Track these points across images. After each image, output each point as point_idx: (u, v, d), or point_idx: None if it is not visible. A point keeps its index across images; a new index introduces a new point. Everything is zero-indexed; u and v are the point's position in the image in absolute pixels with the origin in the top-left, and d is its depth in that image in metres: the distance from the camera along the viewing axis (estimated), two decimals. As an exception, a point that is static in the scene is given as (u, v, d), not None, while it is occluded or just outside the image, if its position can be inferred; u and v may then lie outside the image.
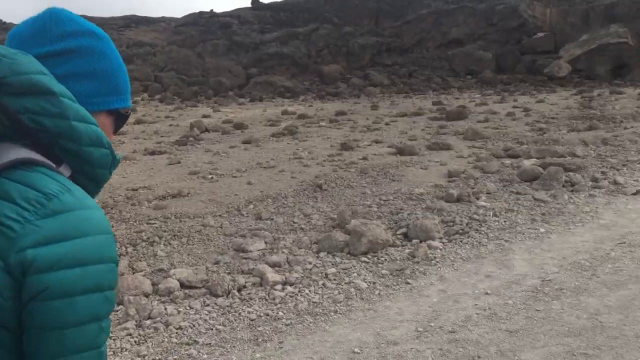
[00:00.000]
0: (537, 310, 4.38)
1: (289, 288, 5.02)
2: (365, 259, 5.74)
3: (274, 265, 5.57)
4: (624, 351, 3.68)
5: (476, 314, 4.38)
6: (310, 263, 5.65)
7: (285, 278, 5.22)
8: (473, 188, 8.45)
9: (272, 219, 7.30)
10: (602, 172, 9.13)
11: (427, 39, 40.13)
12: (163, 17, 49.07)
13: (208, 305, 4.70)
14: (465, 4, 41.05)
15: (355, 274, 5.33)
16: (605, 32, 34.98)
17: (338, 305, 4.66)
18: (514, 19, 39.31)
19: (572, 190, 8.16)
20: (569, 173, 8.93)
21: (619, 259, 5.41)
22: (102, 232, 0.99)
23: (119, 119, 1.24)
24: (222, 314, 4.54)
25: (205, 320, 4.43)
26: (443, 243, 6.19)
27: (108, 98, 1.18)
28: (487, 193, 8.19)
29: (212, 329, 4.29)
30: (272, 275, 5.23)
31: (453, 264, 5.57)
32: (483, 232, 6.48)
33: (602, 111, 17.26)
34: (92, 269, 0.96)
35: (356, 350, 3.90)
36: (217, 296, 4.87)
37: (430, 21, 40.26)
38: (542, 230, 6.51)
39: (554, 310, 4.36)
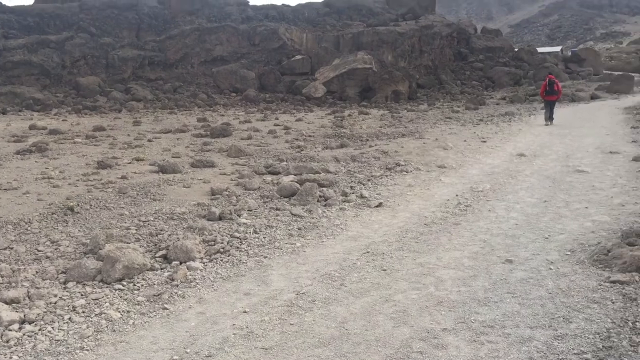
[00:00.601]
0: (291, 324, 4.54)
1: (28, 327, 4.46)
2: (120, 286, 5.39)
3: (10, 301, 4.92)
4: (366, 356, 3.98)
5: (233, 334, 4.38)
6: (55, 296, 5.11)
7: (24, 315, 4.64)
8: (235, 205, 8.54)
9: (11, 248, 6.47)
10: (351, 187, 9.93)
11: (191, 55, 39.97)
12: None
13: None
14: (228, 24, 41.91)
15: (107, 304, 4.96)
16: (353, 58, 38.65)
17: (85, 340, 4.27)
18: (275, 41, 41.26)
19: (325, 205, 8.72)
20: (323, 188, 9.56)
21: (364, 268, 5.91)
22: None
23: None
24: (-61, 368, 3.84)
25: None
26: (204, 263, 6.12)
27: None
28: (248, 210, 8.34)
29: None
30: (7, 313, 4.60)
31: (213, 285, 5.52)
32: (243, 250, 6.56)
33: (352, 130, 18.92)
34: None
35: (105, 389, 3.60)
36: None
37: (194, 37, 40.19)
38: (298, 244, 6.83)
39: (306, 323, 4.56)
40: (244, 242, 6.80)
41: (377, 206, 8.65)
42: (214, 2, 45.70)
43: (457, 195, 9.25)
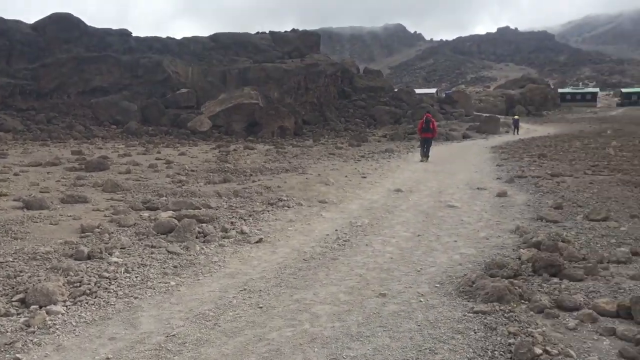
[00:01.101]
0: (158, 369, 4.31)
1: None
2: (-33, 336, 4.86)
3: None
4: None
5: (93, 383, 4.07)
6: None
7: None
8: (107, 243, 8.09)
9: None
10: (232, 223, 9.77)
11: (68, 85, 38.03)
12: None
13: None
14: (109, 54, 40.49)
15: (-52, 357, 4.44)
16: (240, 92, 38.74)
17: None
18: (159, 73, 40.40)
19: (204, 241, 8.50)
20: (202, 224, 9.32)
21: (239, 306, 5.78)
22: None
23: None
24: None
25: None
26: (67, 306, 5.69)
27: None
28: (121, 248, 7.93)
29: None
30: None
31: (75, 330, 5.14)
32: (112, 291, 6.19)
33: (236, 165, 18.80)
34: None
35: None
36: None
37: (71, 67, 38.34)
38: (172, 283, 6.57)
39: (174, 367, 4.35)
40: (113, 283, 6.42)
41: (257, 242, 8.57)
42: (94, 31, 44.04)
43: (336, 230, 9.40)
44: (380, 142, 33.18)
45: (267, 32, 54.97)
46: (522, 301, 5.59)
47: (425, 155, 21.80)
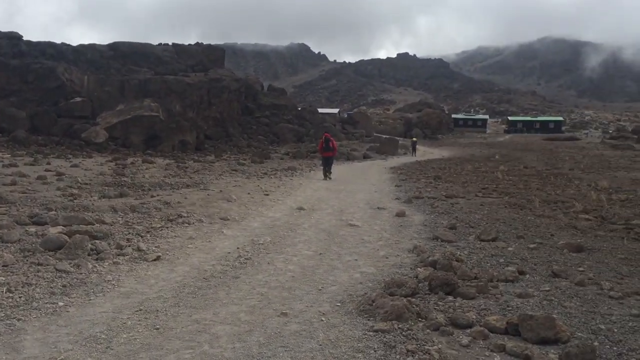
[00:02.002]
0: (42, 398, 3.99)
1: None
2: None
3: None
4: None
5: (-34, 417, 3.70)
6: None
7: None
8: (-13, 261, 7.46)
9: None
10: (128, 239, 9.35)
11: (-53, 88, 35.17)
12: None
13: None
14: (-3, 57, 37.96)
15: None
16: (139, 104, 37.49)
17: None
18: (52, 80, 38.23)
19: (97, 259, 8.05)
20: (96, 241, 8.84)
21: (134, 328, 5.50)
22: None
23: None
24: None
25: None
26: (-63, 331, 5.16)
27: None
28: (3, 266, 7.33)
29: None
30: None
31: (-54, 357, 4.66)
32: (-8, 313, 5.70)
33: (134, 179, 18.10)
34: None
35: None
36: None
37: (-48, 68, 35.53)
38: (61, 303, 6.15)
39: (61, 395, 4.05)
40: (-7, 304, 5.91)
41: (154, 260, 8.24)
42: (-20, 32, 41.12)
43: (238, 248, 9.25)
44: (283, 159, 33.31)
45: (170, 44, 53.77)
46: (420, 319, 5.74)
47: (327, 173, 22.12)
